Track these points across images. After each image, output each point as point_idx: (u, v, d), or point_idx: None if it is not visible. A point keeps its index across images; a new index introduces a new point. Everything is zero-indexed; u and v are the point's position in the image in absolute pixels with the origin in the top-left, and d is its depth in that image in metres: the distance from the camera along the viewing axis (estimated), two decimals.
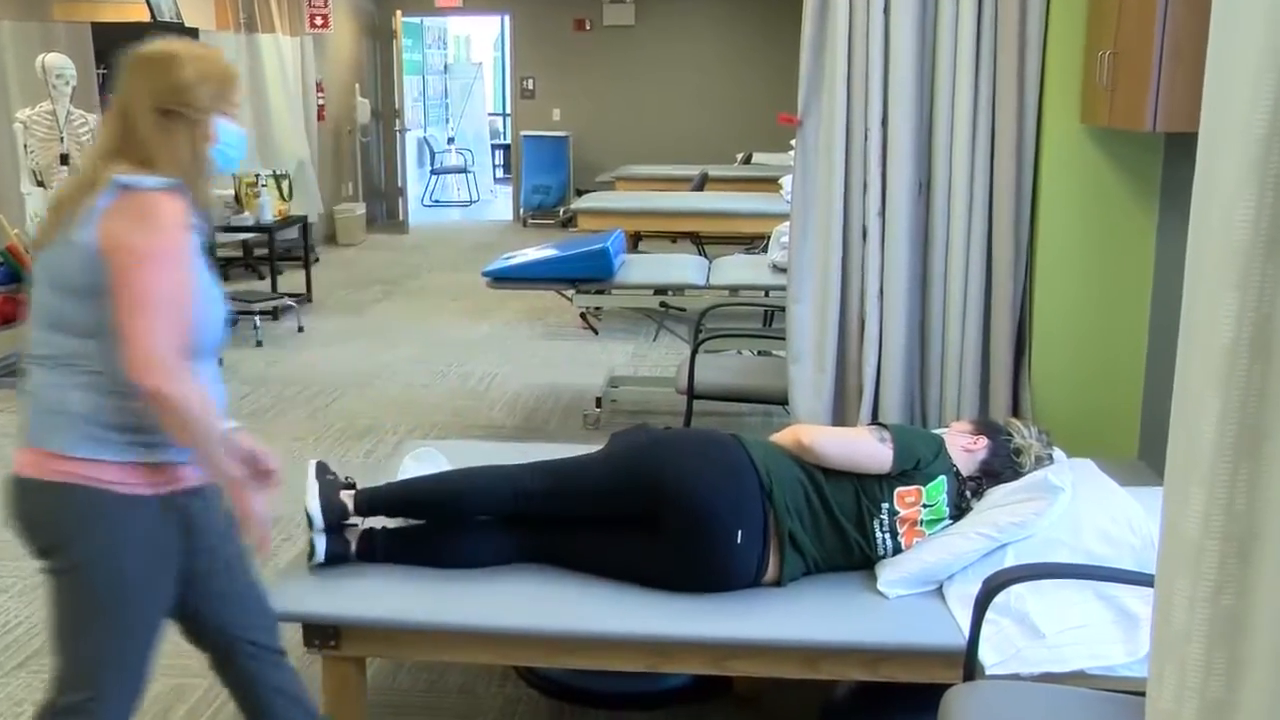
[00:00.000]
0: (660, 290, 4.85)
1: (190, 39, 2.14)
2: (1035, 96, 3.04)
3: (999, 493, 2.36)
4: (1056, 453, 2.55)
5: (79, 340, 1.74)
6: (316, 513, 2.33)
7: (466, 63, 15.04)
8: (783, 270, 4.47)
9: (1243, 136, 0.92)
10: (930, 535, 2.33)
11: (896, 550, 2.33)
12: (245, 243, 8.59)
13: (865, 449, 2.33)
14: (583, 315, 5.77)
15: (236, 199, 7.23)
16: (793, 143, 3.29)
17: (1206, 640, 0.94)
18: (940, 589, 2.28)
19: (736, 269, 5.17)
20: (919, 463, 2.34)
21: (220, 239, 7.23)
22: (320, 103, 9.67)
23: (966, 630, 2.04)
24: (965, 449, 2.43)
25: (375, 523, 2.45)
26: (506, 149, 14.31)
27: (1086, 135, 3.05)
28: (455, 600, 2.25)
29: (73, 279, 1.72)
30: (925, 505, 2.33)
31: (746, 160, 10.12)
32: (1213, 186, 0.96)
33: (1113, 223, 3.08)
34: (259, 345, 6.35)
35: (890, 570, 2.30)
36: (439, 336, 6.64)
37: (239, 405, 5.18)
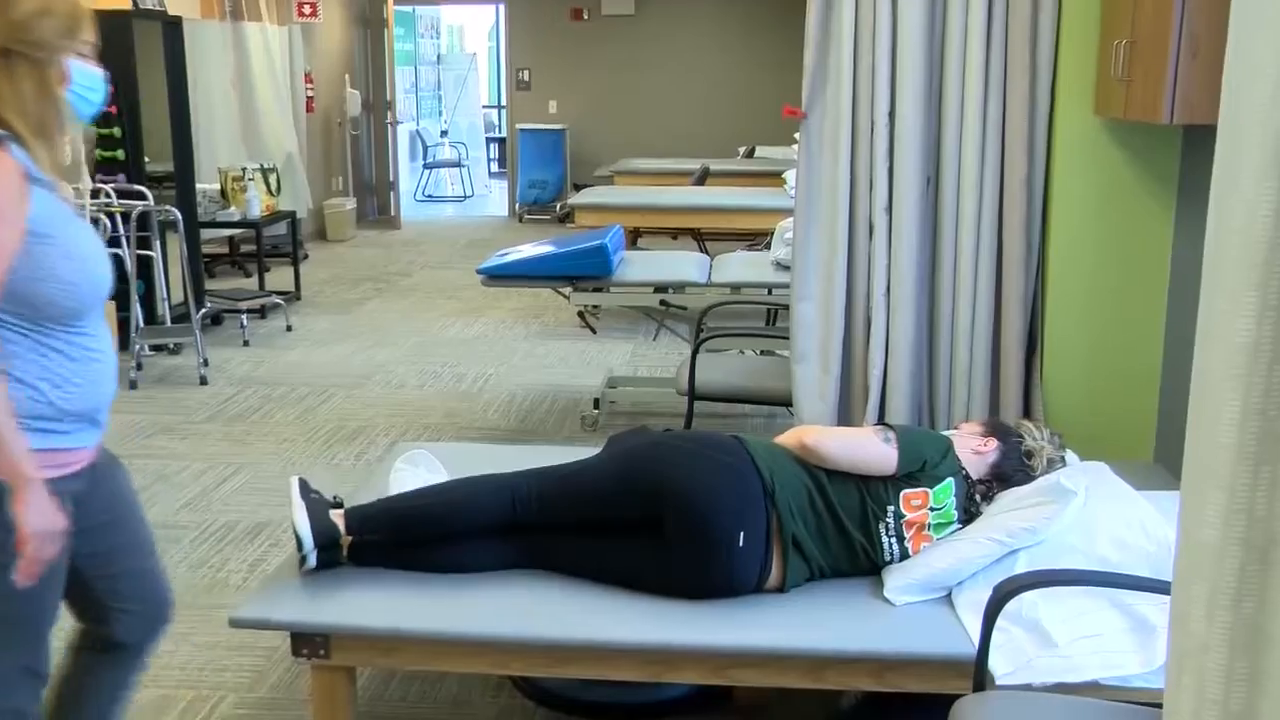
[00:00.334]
0: (660, 288, 4.85)
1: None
2: (1048, 88, 3.04)
3: (1010, 497, 2.36)
4: (1069, 455, 2.54)
5: None
6: (307, 534, 2.31)
7: (460, 53, 15.05)
8: (786, 268, 4.47)
9: (1264, 129, 0.91)
10: (938, 540, 2.33)
11: (903, 556, 2.33)
12: (231, 239, 8.58)
13: (869, 450, 2.33)
14: (580, 314, 5.76)
15: (222, 194, 7.23)
16: (797, 136, 3.29)
17: (1227, 650, 0.94)
18: (949, 596, 2.28)
19: (739, 266, 5.17)
20: (925, 464, 2.34)
21: (205, 235, 7.23)
22: (309, 94, 9.66)
23: (976, 639, 2.04)
24: (975, 451, 2.43)
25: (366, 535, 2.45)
26: (502, 142, 14.31)
27: (1101, 128, 3.05)
28: (449, 608, 2.25)
29: None
30: (933, 509, 2.33)
31: (749, 154, 10.12)
32: (1232, 181, 0.96)
33: (1128, 218, 3.08)
34: (246, 345, 6.34)
35: (897, 576, 2.30)
36: (432, 336, 6.64)
37: (225, 407, 5.18)
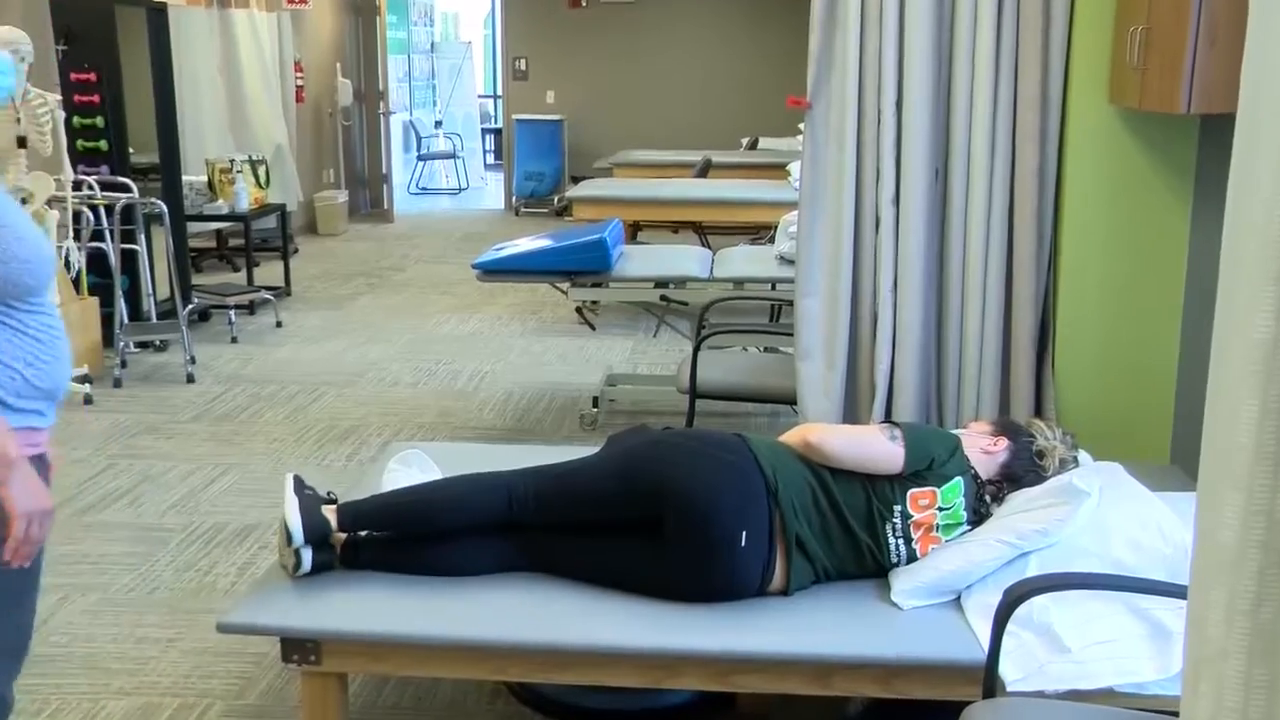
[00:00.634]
0: (661, 283, 4.84)
1: None
2: (1060, 76, 3.04)
3: (1020, 498, 2.36)
4: (1082, 455, 2.54)
5: None
6: (298, 528, 2.32)
7: (455, 41, 15.04)
8: (791, 262, 4.46)
9: None
10: (947, 542, 2.33)
11: (911, 557, 2.33)
12: (219, 233, 8.58)
13: (875, 447, 2.33)
14: (579, 310, 5.76)
15: (209, 186, 7.23)
16: (801, 127, 3.29)
17: (1245, 656, 0.94)
18: (958, 600, 2.28)
19: (741, 261, 5.16)
20: (932, 462, 2.34)
21: (192, 229, 7.23)
22: (299, 83, 9.65)
23: (986, 644, 2.04)
24: (984, 451, 2.43)
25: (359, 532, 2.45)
26: (498, 133, 14.29)
27: (1115, 117, 3.04)
28: (443, 611, 2.25)
29: None
30: (940, 509, 2.33)
31: (752, 145, 10.11)
32: (1251, 172, 0.96)
33: (1143, 211, 3.08)
34: (234, 341, 6.34)
35: (905, 579, 2.30)
36: (426, 332, 6.64)
37: (213, 406, 5.18)
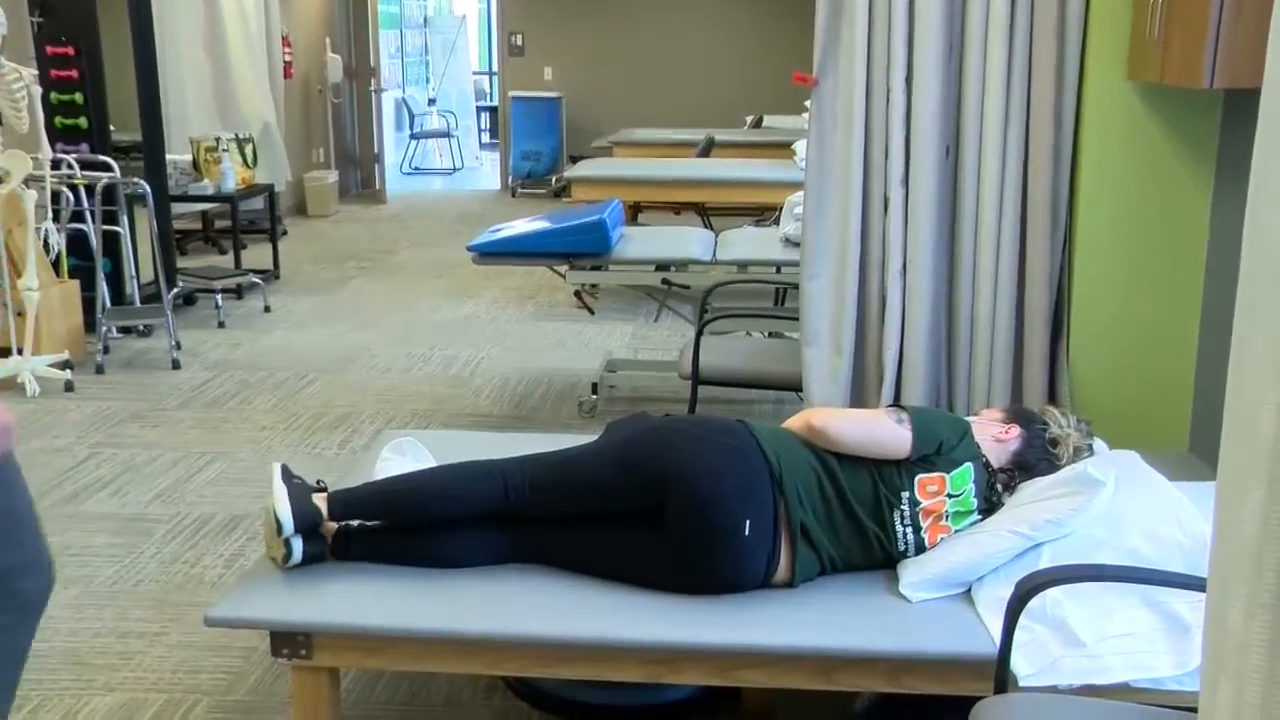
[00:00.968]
0: (662, 266, 4.84)
1: None
2: (1077, 50, 3.03)
3: (1033, 487, 2.36)
4: (1098, 444, 2.54)
5: None
6: (287, 518, 2.32)
7: (448, 15, 14.99)
8: (796, 244, 4.46)
9: None
10: (957, 531, 2.34)
11: (920, 546, 2.33)
12: (205, 214, 8.57)
13: (881, 431, 2.33)
14: (577, 294, 5.76)
15: (195, 166, 7.21)
16: (807, 104, 3.28)
17: (1267, 651, 0.94)
18: (968, 592, 2.28)
19: (745, 243, 5.16)
20: (941, 446, 2.34)
21: (177, 210, 7.22)
22: (286, 59, 9.63)
23: (997, 638, 2.05)
24: (996, 439, 2.43)
25: (351, 521, 2.45)
26: (493, 111, 14.26)
27: (1134, 93, 3.03)
28: (438, 604, 2.25)
29: None
30: (950, 495, 2.33)
31: (757, 124, 10.09)
32: (1276, 150, 0.95)
33: (1163, 191, 3.07)
34: (221, 326, 6.34)
35: (913, 571, 2.30)
36: (419, 317, 6.63)
37: (199, 393, 5.18)
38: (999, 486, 2.39)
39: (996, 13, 3.01)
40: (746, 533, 2.24)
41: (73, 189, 5.72)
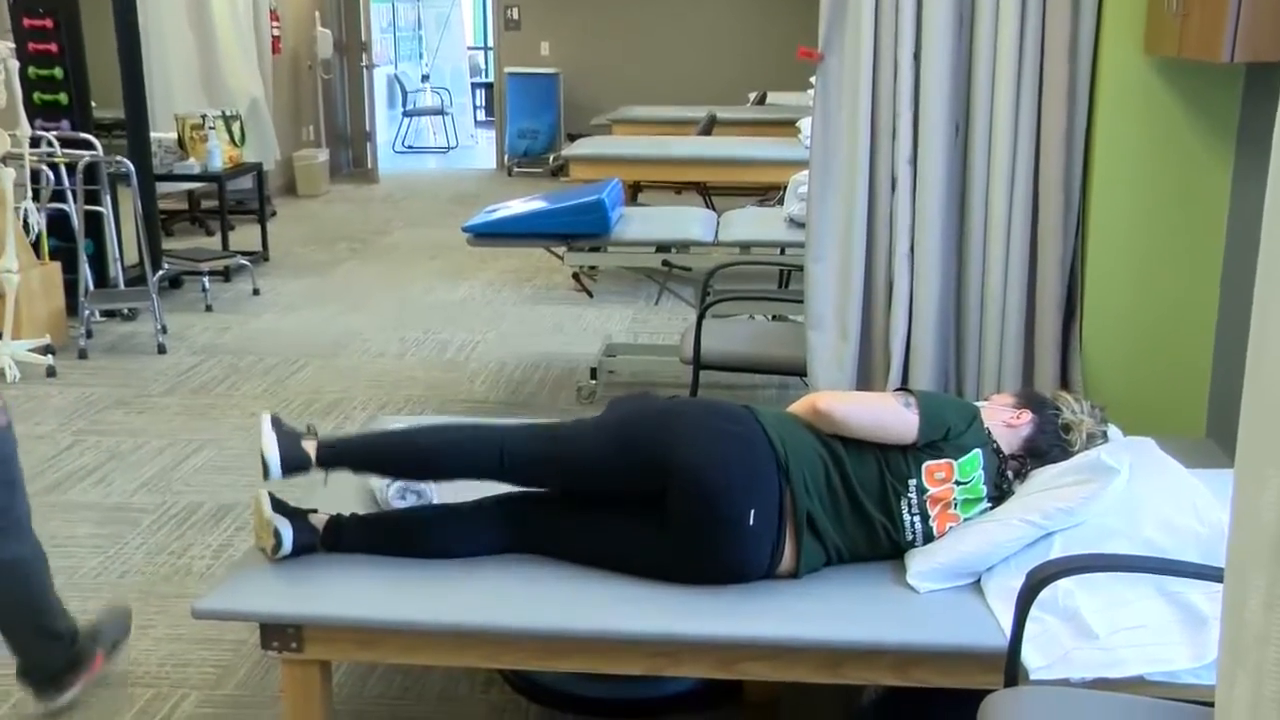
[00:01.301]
0: (663, 248, 4.83)
1: None
2: (1091, 24, 3.01)
3: (1045, 475, 2.36)
4: (1112, 430, 2.54)
5: None
6: (275, 458, 2.32)
7: None
8: (801, 225, 4.45)
9: None
10: (966, 520, 2.33)
11: (928, 536, 2.33)
12: (191, 194, 8.55)
13: (888, 415, 2.33)
14: (575, 276, 5.75)
15: (180, 143, 7.19)
16: (812, 80, 3.27)
17: None
18: (977, 583, 2.28)
19: (748, 224, 5.15)
20: (949, 432, 2.33)
21: (162, 189, 7.20)
22: (275, 33, 9.59)
23: (1007, 629, 2.04)
24: (1007, 424, 2.43)
25: (343, 509, 2.45)
26: (489, 88, 14.23)
27: (1151, 68, 3.02)
28: (433, 596, 2.25)
29: None
30: (959, 483, 2.32)
31: (760, 101, 10.07)
32: None
33: (1181, 169, 3.06)
34: (208, 310, 6.33)
35: (921, 560, 2.30)
36: (413, 300, 6.63)
37: (186, 378, 5.18)
38: (1009, 473, 2.39)
39: None
40: (751, 522, 2.24)
41: (53, 167, 5.70)
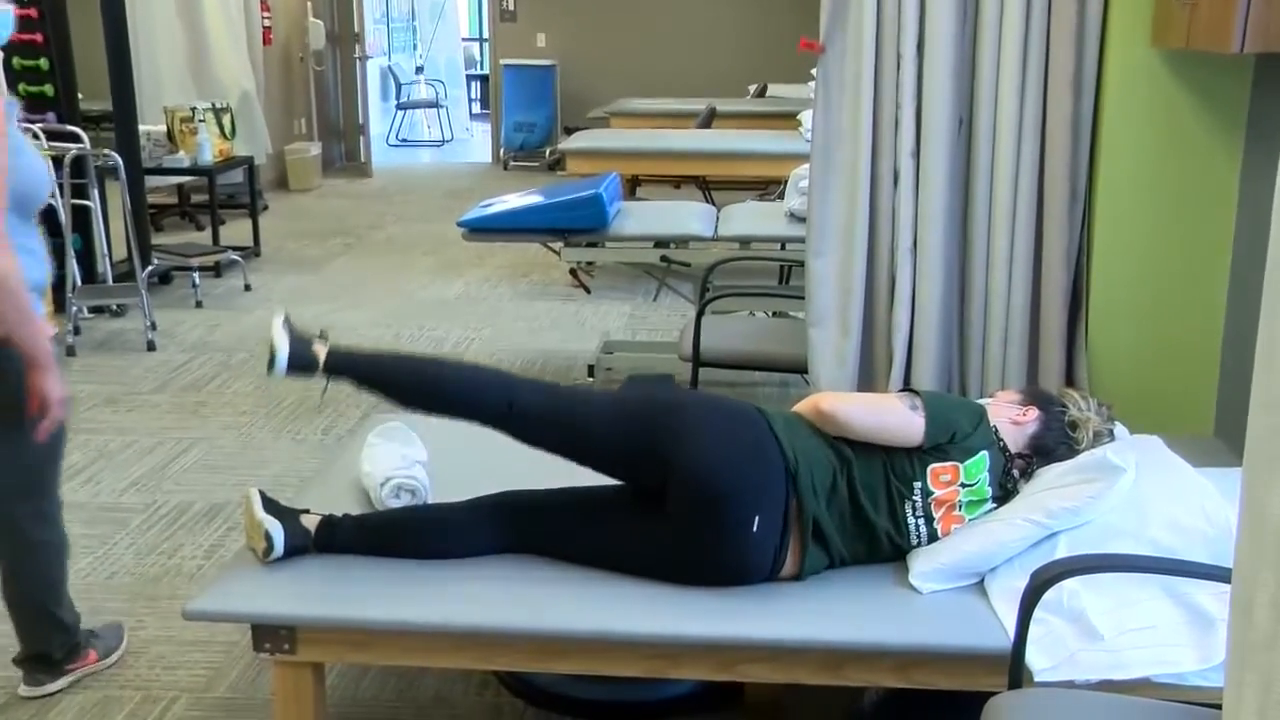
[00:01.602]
0: (661, 243, 4.83)
1: None
2: (1098, 14, 3.01)
3: (1050, 474, 2.36)
4: (1118, 428, 2.54)
5: None
6: (284, 351, 2.36)
7: None
8: (801, 220, 4.45)
9: None
10: (970, 521, 2.34)
11: (932, 537, 2.33)
12: (181, 188, 8.53)
13: (894, 417, 2.33)
14: (573, 272, 5.76)
15: (169, 136, 7.19)
16: (814, 72, 3.27)
17: None
18: (981, 583, 2.29)
19: (748, 218, 5.15)
20: (955, 435, 2.34)
21: (151, 183, 7.19)
22: (266, 23, 9.58)
23: (1011, 631, 2.05)
24: (1013, 421, 2.43)
25: (337, 509, 2.46)
26: (484, 80, 14.21)
27: (1159, 60, 3.02)
28: (428, 597, 2.25)
29: None
30: (964, 485, 2.33)
31: (761, 93, 10.07)
32: None
33: (1189, 163, 3.06)
34: (199, 306, 6.33)
35: (923, 561, 2.30)
36: (408, 296, 6.63)
37: (176, 375, 5.18)
38: (1015, 472, 2.39)
39: None
40: (755, 528, 2.24)
41: None
